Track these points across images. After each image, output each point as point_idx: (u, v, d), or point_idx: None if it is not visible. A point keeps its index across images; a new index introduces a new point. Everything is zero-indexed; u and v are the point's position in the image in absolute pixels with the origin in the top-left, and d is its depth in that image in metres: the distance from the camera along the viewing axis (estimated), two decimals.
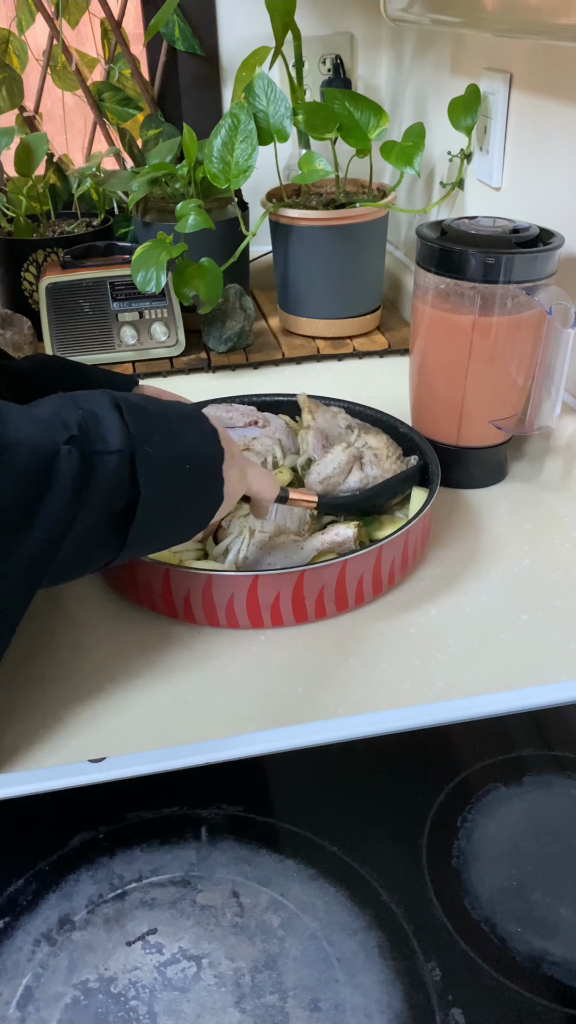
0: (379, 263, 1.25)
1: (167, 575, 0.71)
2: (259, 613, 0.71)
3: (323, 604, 0.72)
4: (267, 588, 0.70)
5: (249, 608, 0.71)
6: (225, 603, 0.71)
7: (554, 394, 0.83)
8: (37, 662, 0.70)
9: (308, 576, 0.70)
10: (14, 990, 0.46)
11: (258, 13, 1.11)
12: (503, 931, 0.48)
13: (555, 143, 0.93)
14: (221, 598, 0.70)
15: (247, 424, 0.89)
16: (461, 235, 0.83)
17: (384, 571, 0.74)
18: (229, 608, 0.71)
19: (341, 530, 0.75)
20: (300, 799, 0.57)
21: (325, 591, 0.71)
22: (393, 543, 0.73)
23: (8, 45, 1.43)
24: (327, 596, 0.72)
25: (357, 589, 0.73)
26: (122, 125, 1.48)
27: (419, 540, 0.79)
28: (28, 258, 1.28)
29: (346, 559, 0.71)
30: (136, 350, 1.19)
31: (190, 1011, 0.45)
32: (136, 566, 0.72)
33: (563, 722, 0.63)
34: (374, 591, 0.75)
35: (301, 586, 0.70)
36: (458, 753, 0.60)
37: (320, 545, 0.75)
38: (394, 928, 0.48)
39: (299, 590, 0.70)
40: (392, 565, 0.75)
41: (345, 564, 0.71)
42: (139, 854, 0.53)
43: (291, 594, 0.70)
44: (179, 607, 0.72)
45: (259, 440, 0.87)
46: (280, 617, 0.72)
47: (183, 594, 0.71)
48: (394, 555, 0.75)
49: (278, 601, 0.70)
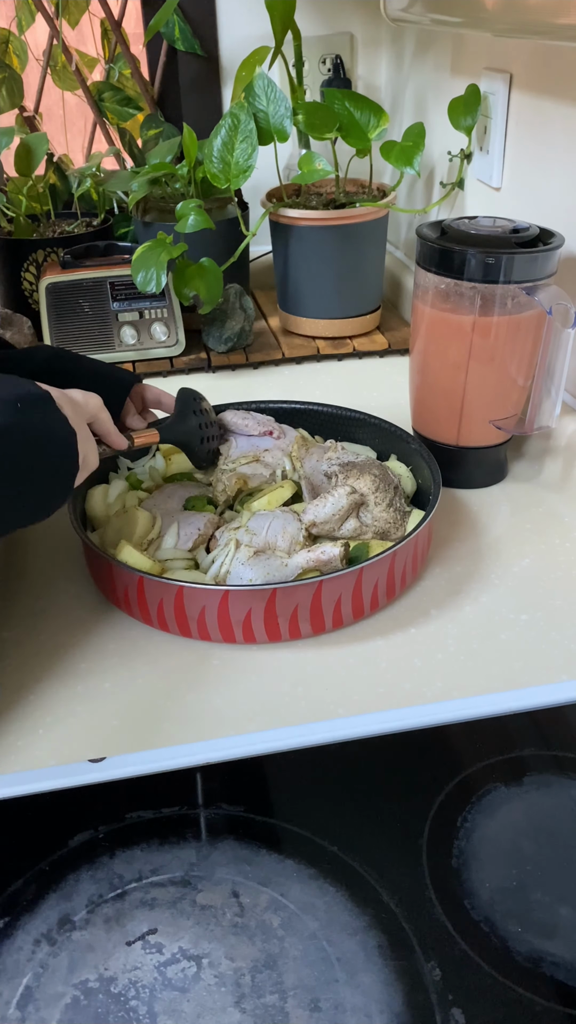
0: (379, 263, 1.25)
1: (141, 583, 0.70)
2: (231, 628, 0.69)
3: (297, 624, 0.70)
4: (238, 604, 0.68)
5: (220, 623, 0.69)
6: (197, 616, 0.69)
7: (554, 394, 0.83)
8: (37, 662, 0.70)
9: (280, 594, 0.67)
10: (14, 990, 0.46)
11: (258, 13, 1.11)
12: (503, 931, 0.48)
13: (555, 143, 0.93)
14: (192, 610, 0.69)
15: (262, 434, 0.87)
16: (461, 235, 0.83)
17: (366, 594, 0.71)
18: (201, 621, 0.69)
19: (327, 548, 0.71)
20: (300, 799, 0.57)
21: (299, 611, 0.69)
22: (376, 565, 0.70)
23: (8, 45, 1.44)
24: (301, 616, 0.69)
25: (335, 611, 0.70)
26: (122, 125, 1.48)
27: (409, 564, 0.75)
28: (28, 258, 1.28)
29: (321, 579, 0.68)
30: (136, 350, 1.19)
31: (190, 1011, 0.45)
32: (114, 572, 0.72)
33: (563, 722, 0.63)
34: (354, 615, 0.72)
35: (273, 604, 0.68)
36: (458, 753, 0.60)
37: (304, 563, 0.71)
38: (394, 928, 0.48)
39: (271, 608, 0.68)
40: (375, 588, 0.72)
41: (321, 584, 0.68)
42: (139, 854, 0.53)
43: (263, 612, 0.68)
44: (153, 616, 0.71)
45: (271, 452, 0.85)
46: (252, 634, 0.70)
47: (156, 603, 0.70)
48: (377, 578, 0.71)
49: (249, 618, 0.69)
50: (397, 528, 0.77)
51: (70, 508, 0.76)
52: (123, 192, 1.40)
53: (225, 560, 0.73)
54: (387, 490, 0.77)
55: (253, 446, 0.86)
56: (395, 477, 0.80)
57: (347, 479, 0.78)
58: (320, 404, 0.93)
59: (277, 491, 0.81)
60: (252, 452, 0.85)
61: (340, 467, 0.80)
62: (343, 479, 0.78)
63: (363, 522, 0.76)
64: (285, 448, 0.86)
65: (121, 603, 0.74)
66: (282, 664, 0.69)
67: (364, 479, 0.77)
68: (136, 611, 0.73)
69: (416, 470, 0.85)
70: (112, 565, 0.71)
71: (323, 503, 0.75)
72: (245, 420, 0.88)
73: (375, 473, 0.78)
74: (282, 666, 0.69)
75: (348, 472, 0.79)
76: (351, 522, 0.76)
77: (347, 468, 0.80)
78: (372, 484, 0.77)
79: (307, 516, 0.76)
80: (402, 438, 0.87)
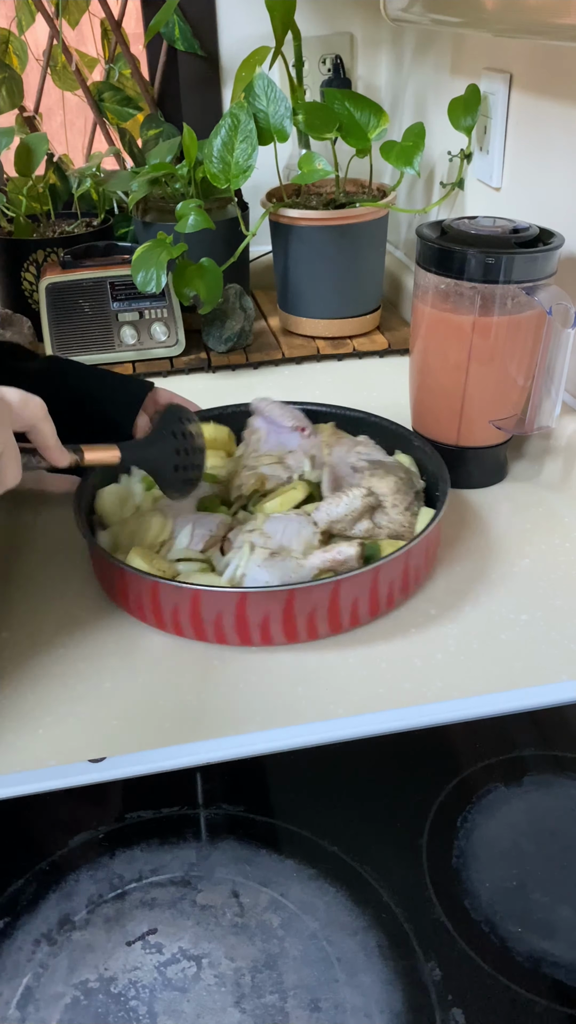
0: (379, 263, 1.25)
1: (155, 588, 0.69)
2: (248, 632, 0.69)
3: (315, 625, 0.70)
4: (256, 606, 0.68)
5: (238, 626, 0.69)
6: (213, 619, 0.69)
7: (554, 394, 0.83)
8: (37, 662, 0.70)
9: (299, 595, 0.67)
10: (14, 990, 0.46)
11: (258, 13, 1.11)
12: (503, 931, 0.48)
13: (555, 143, 0.93)
14: (209, 614, 0.69)
15: (294, 428, 0.86)
16: (461, 235, 0.83)
17: (382, 593, 0.72)
18: (218, 625, 0.69)
19: (343, 548, 0.71)
20: (300, 799, 0.57)
21: (317, 612, 0.69)
22: (392, 564, 0.70)
23: (8, 45, 1.44)
24: (319, 617, 0.69)
25: (352, 610, 0.70)
26: (122, 125, 1.48)
27: (423, 560, 0.76)
28: (28, 258, 1.28)
29: (339, 579, 0.68)
30: (136, 350, 1.19)
31: (190, 1011, 0.45)
32: (127, 578, 0.71)
33: (563, 722, 0.63)
34: (371, 613, 0.72)
35: (292, 606, 0.68)
36: (458, 753, 0.60)
37: (320, 563, 0.71)
38: (394, 928, 0.48)
39: (290, 610, 0.68)
40: (391, 587, 0.72)
41: (338, 584, 0.68)
42: (139, 854, 0.53)
43: (281, 614, 0.68)
44: (168, 621, 0.71)
45: (294, 455, 0.84)
46: (270, 636, 0.70)
47: (171, 609, 0.70)
48: (393, 576, 0.71)
49: (268, 620, 0.69)
50: (410, 531, 0.77)
51: (77, 512, 0.76)
52: (123, 192, 1.40)
53: (240, 563, 0.73)
54: (408, 493, 0.78)
55: (281, 443, 0.86)
56: (418, 483, 0.80)
57: (372, 476, 0.78)
58: (322, 404, 0.93)
59: (290, 492, 0.80)
60: (277, 452, 0.85)
61: (369, 463, 0.81)
62: (368, 475, 0.78)
63: (377, 524, 0.76)
64: (309, 451, 0.85)
65: (133, 609, 0.73)
66: (282, 664, 0.69)
67: (387, 480, 0.78)
68: (150, 617, 0.72)
69: (421, 469, 0.85)
70: (123, 571, 0.70)
71: (337, 502, 0.75)
72: (283, 411, 0.88)
73: (400, 476, 0.79)
74: (282, 666, 0.69)
75: (375, 470, 0.79)
76: (364, 523, 0.76)
77: (375, 465, 0.80)
78: (394, 486, 0.77)
79: (319, 514, 0.76)
80: (407, 438, 0.87)
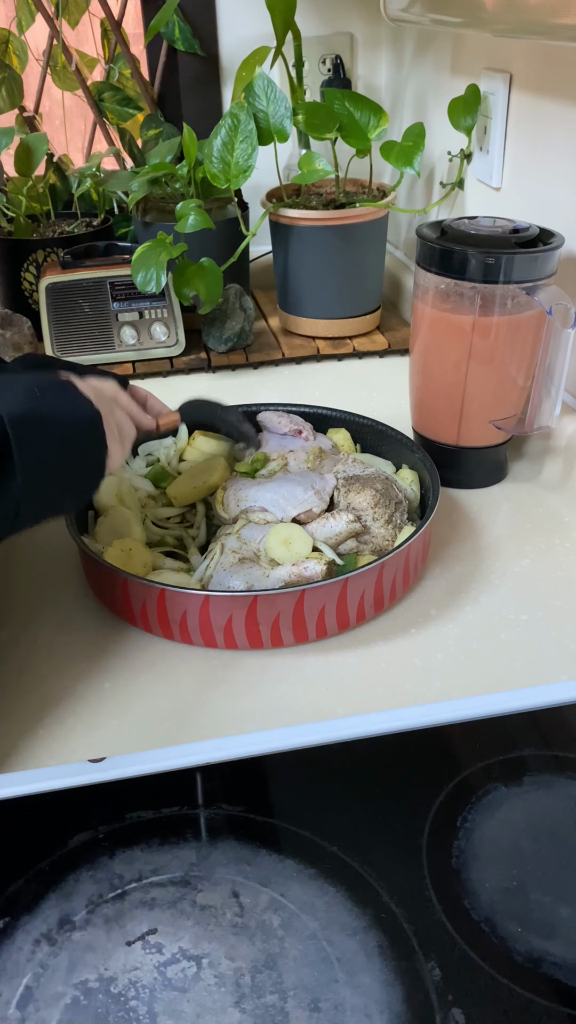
0: (379, 263, 1.25)
1: (125, 585, 0.70)
2: (212, 633, 0.69)
3: (279, 632, 0.69)
4: (220, 609, 0.68)
5: (202, 627, 0.69)
6: (179, 619, 0.69)
7: (554, 394, 0.83)
8: (37, 662, 0.70)
9: (262, 602, 0.67)
10: (14, 990, 0.46)
11: (258, 13, 1.11)
12: (503, 931, 0.48)
13: (555, 143, 0.93)
14: (175, 613, 0.69)
15: (291, 432, 0.87)
16: (461, 235, 0.83)
17: (352, 606, 0.70)
18: (183, 624, 0.69)
19: (311, 565, 0.70)
20: (300, 799, 0.57)
21: (281, 619, 0.68)
22: (362, 576, 0.69)
23: (8, 45, 1.44)
24: (283, 624, 0.69)
25: (319, 621, 0.70)
26: (122, 125, 1.48)
27: (400, 576, 0.73)
28: (28, 258, 1.28)
29: (304, 588, 0.67)
30: (136, 350, 1.19)
31: (190, 1011, 0.45)
32: (100, 571, 0.72)
33: (563, 722, 0.63)
34: (339, 626, 0.71)
35: (255, 611, 0.68)
36: (458, 753, 0.60)
37: (287, 576, 0.70)
38: (394, 928, 0.48)
39: (252, 615, 0.68)
40: (362, 600, 0.71)
41: (303, 593, 0.67)
42: (139, 854, 0.53)
43: (244, 618, 0.68)
44: (137, 616, 0.71)
45: (295, 454, 0.84)
46: (234, 640, 0.69)
47: (140, 604, 0.70)
48: (364, 589, 0.70)
49: (231, 624, 0.69)
50: (392, 544, 0.76)
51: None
52: (123, 192, 1.40)
53: (211, 564, 0.73)
54: (387, 506, 0.76)
55: (282, 446, 0.86)
56: (399, 493, 0.79)
57: (349, 492, 0.77)
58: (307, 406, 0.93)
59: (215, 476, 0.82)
60: (279, 452, 0.85)
61: (344, 480, 0.79)
62: (344, 492, 0.77)
63: (360, 541, 0.76)
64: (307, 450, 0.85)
65: (111, 605, 0.74)
66: (282, 664, 0.69)
67: (365, 493, 0.76)
68: (122, 611, 0.73)
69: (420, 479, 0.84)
70: (101, 566, 0.71)
71: (324, 524, 0.75)
72: (279, 419, 0.89)
73: (377, 488, 0.77)
74: (282, 666, 0.69)
75: (350, 486, 0.78)
76: (350, 543, 0.76)
77: (350, 482, 0.79)
78: (372, 499, 0.76)
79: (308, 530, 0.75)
80: (401, 441, 0.87)
